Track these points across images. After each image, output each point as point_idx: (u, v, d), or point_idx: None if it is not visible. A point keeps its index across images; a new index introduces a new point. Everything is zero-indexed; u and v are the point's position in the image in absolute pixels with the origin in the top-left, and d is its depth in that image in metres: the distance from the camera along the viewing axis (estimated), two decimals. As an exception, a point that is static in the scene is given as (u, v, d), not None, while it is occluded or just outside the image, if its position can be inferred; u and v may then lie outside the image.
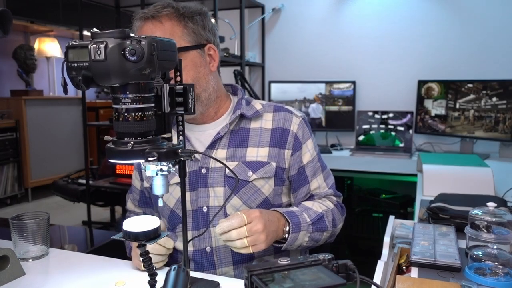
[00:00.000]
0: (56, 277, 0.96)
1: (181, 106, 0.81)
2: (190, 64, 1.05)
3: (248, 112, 1.13)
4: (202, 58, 1.08)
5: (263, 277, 0.53)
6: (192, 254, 1.10)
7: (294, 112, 1.16)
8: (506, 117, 2.44)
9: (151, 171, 0.72)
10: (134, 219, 0.76)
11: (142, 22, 1.04)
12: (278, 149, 1.12)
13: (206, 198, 1.09)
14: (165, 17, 1.04)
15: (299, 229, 1.03)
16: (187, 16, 1.06)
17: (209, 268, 1.09)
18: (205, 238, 1.09)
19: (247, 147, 1.11)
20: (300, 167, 1.14)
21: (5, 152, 4.25)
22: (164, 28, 1.03)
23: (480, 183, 1.54)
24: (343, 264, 0.57)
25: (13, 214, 1.05)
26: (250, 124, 1.13)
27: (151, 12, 1.04)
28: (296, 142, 1.13)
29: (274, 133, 1.12)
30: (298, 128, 1.14)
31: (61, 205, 4.03)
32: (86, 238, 2.21)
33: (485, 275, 0.84)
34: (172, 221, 1.13)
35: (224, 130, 1.10)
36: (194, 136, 1.15)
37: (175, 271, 0.75)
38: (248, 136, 1.12)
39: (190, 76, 1.05)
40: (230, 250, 1.08)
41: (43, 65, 5.11)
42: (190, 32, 1.06)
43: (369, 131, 2.95)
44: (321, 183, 1.18)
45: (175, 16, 1.04)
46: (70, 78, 0.68)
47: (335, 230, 1.15)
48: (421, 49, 2.93)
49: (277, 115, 1.15)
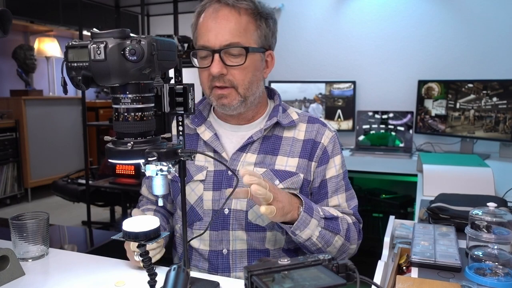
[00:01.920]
0: (56, 277, 0.96)
1: (181, 106, 0.81)
2: (251, 66, 1.04)
3: (284, 120, 1.11)
4: (261, 62, 1.08)
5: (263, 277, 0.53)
6: (207, 254, 1.09)
7: (328, 126, 1.15)
8: (506, 117, 2.44)
9: (151, 171, 0.72)
10: (134, 219, 0.76)
11: (218, 5, 1.02)
12: (307, 161, 1.10)
13: (229, 200, 1.07)
14: (244, 10, 1.02)
15: (311, 213, 0.98)
16: (263, 17, 1.05)
17: (224, 271, 1.08)
18: (223, 240, 1.08)
19: (277, 155, 1.09)
20: (323, 180, 1.11)
21: (5, 152, 4.25)
22: (240, 20, 1.02)
23: (480, 183, 1.54)
24: (343, 264, 0.57)
25: (13, 214, 1.04)
26: (283, 132, 1.12)
27: (231, 1, 1.02)
28: (324, 155, 1.11)
29: (306, 145, 1.10)
30: (329, 142, 1.12)
31: (61, 205, 4.03)
32: (86, 238, 2.21)
33: (485, 275, 0.84)
34: (190, 218, 1.11)
35: (257, 135, 1.09)
36: (225, 135, 1.13)
37: (175, 271, 0.74)
38: (279, 145, 1.10)
39: (247, 78, 1.04)
40: (246, 255, 1.07)
41: (42, 65, 5.11)
42: (261, 34, 1.05)
43: (369, 131, 2.95)
44: (342, 202, 1.12)
45: (252, 12, 1.03)
46: (70, 78, 0.68)
47: (348, 244, 1.07)
48: (421, 49, 2.93)
49: (311, 126, 1.13)
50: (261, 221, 1.06)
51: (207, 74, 1.04)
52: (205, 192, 1.08)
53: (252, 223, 1.06)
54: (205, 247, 1.09)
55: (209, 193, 1.08)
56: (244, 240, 1.07)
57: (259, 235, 1.07)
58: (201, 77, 1.07)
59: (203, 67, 1.04)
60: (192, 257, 1.13)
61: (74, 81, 0.68)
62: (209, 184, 1.08)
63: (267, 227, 1.07)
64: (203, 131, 1.13)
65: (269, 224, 1.07)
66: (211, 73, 1.02)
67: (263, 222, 1.07)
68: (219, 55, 1.01)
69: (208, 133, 1.12)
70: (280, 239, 1.09)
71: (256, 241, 1.07)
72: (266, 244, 1.08)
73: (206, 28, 1.02)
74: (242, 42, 1.01)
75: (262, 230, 1.07)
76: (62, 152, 4.75)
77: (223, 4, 1.02)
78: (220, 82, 1.03)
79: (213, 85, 1.04)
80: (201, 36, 1.04)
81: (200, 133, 1.12)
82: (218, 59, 1.01)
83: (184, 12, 3.33)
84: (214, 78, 1.03)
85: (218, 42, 1.01)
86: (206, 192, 1.08)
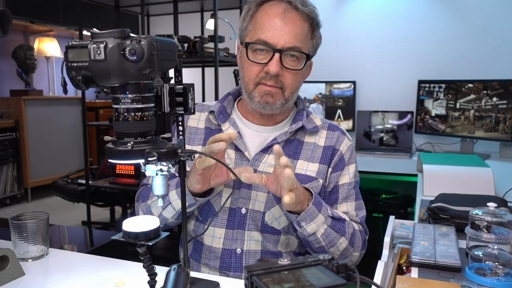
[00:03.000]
0: (56, 277, 0.96)
1: (181, 106, 0.81)
2: (302, 72, 1.06)
3: (308, 125, 1.12)
4: (307, 70, 1.10)
5: (263, 277, 0.53)
6: (220, 252, 1.08)
7: (347, 134, 1.17)
8: (507, 117, 2.44)
9: (151, 171, 0.72)
10: (134, 219, 0.76)
11: (287, 6, 1.01)
12: (326, 167, 1.11)
13: (247, 200, 1.07)
14: (307, 16, 1.03)
15: (320, 208, 0.99)
16: (318, 27, 1.07)
17: (236, 270, 1.07)
18: (238, 239, 1.07)
19: (298, 160, 1.09)
20: (335, 186, 1.13)
21: (4, 152, 4.24)
22: (304, 26, 1.03)
23: (481, 183, 1.54)
24: (343, 264, 0.57)
25: (13, 214, 1.04)
26: (305, 137, 1.12)
27: (299, 5, 1.02)
28: (340, 162, 1.13)
29: (326, 151, 1.11)
30: (347, 151, 1.14)
31: (61, 205, 4.03)
32: (86, 238, 2.21)
33: (485, 275, 0.84)
34: (205, 213, 1.11)
35: (281, 137, 1.09)
36: (249, 135, 1.12)
37: (175, 271, 0.74)
38: (301, 149, 1.11)
39: (296, 82, 1.06)
40: (260, 256, 1.07)
41: (42, 65, 5.10)
42: (313, 43, 1.07)
43: (369, 131, 2.95)
44: (351, 210, 1.13)
45: (312, 21, 1.05)
46: (70, 78, 0.68)
47: (351, 250, 1.06)
48: (421, 49, 2.93)
49: (331, 133, 1.14)
50: (277, 224, 1.07)
51: (258, 69, 1.04)
52: (225, 188, 1.08)
53: (268, 225, 1.06)
54: (218, 245, 1.09)
55: (229, 190, 1.08)
56: (259, 241, 1.07)
57: (273, 237, 1.07)
58: (249, 71, 1.05)
59: (258, 62, 1.03)
60: (202, 255, 1.12)
61: (74, 81, 0.68)
62: (230, 181, 1.07)
63: (282, 230, 1.07)
64: (227, 128, 1.11)
65: (285, 227, 1.07)
66: (266, 71, 1.02)
67: (279, 225, 1.07)
68: (279, 55, 1.01)
69: (232, 130, 1.11)
70: (293, 242, 1.10)
71: (270, 242, 1.07)
72: (279, 247, 1.08)
73: (272, 25, 1.01)
74: (302, 48, 1.03)
75: (277, 233, 1.07)
76: (62, 152, 4.75)
77: (293, 7, 1.02)
78: (271, 81, 1.03)
79: (261, 82, 1.04)
80: (262, 31, 1.02)
81: (225, 129, 1.11)
82: (278, 58, 1.01)
83: (184, 12, 3.33)
84: (266, 76, 1.03)
85: (282, 42, 1.01)
86: (226, 189, 1.08)
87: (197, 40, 2.80)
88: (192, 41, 2.81)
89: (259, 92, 1.05)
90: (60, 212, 4.04)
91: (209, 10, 3.34)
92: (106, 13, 3.51)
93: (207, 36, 2.95)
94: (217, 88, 2.75)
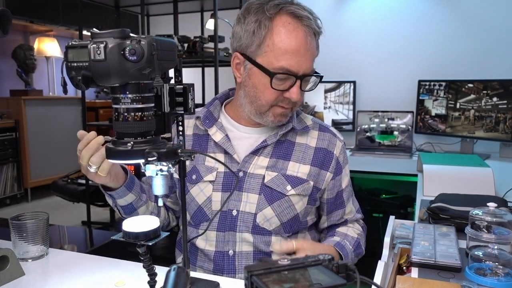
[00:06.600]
0: (56, 278, 0.96)
1: (181, 106, 0.81)
2: None
3: (298, 126, 1.13)
4: None
5: (263, 278, 0.53)
6: (213, 254, 1.08)
7: (337, 136, 1.17)
8: (507, 117, 2.44)
9: (151, 171, 0.72)
10: (134, 219, 0.76)
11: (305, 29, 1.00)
12: (319, 170, 1.11)
13: (238, 202, 1.07)
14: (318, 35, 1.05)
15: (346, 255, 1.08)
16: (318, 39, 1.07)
17: (229, 272, 1.07)
18: (229, 241, 1.07)
19: (289, 161, 1.10)
20: (339, 191, 1.16)
21: (4, 152, 4.24)
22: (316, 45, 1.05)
23: (481, 183, 1.54)
24: (343, 264, 0.57)
25: (13, 214, 1.04)
26: (296, 137, 1.13)
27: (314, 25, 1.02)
28: (337, 166, 1.14)
29: (318, 153, 1.12)
30: (340, 153, 1.16)
31: (61, 205, 4.03)
32: (86, 238, 2.21)
33: (485, 276, 0.84)
34: (197, 218, 1.11)
35: (271, 139, 1.09)
36: (237, 137, 1.12)
37: (175, 271, 0.74)
38: (292, 150, 1.11)
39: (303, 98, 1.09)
40: (253, 257, 1.07)
41: (42, 65, 5.10)
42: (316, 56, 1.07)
43: (369, 131, 2.95)
44: (353, 208, 1.21)
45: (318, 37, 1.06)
46: (70, 78, 0.68)
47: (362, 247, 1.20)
48: (421, 49, 2.92)
49: (322, 135, 1.14)
50: (269, 224, 1.07)
51: (277, 95, 1.02)
52: (214, 193, 1.08)
53: (259, 226, 1.07)
54: (211, 247, 1.09)
55: (218, 194, 1.08)
56: (251, 242, 1.07)
57: (265, 238, 1.08)
58: (266, 94, 1.03)
59: (280, 89, 1.01)
60: (197, 258, 1.12)
61: (74, 81, 0.68)
62: (219, 185, 1.08)
63: (273, 231, 1.08)
64: (214, 132, 1.11)
65: (276, 228, 1.08)
66: (287, 97, 1.02)
67: (270, 226, 1.07)
68: (300, 82, 1.01)
69: (220, 134, 1.11)
70: None
71: (262, 244, 1.08)
72: (271, 247, 1.09)
73: (294, 53, 0.99)
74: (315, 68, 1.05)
75: (268, 234, 1.08)
76: (62, 152, 4.75)
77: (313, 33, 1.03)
78: (289, 104, 1.04)
79: (278, 104, 1.04)
80: (284, 58, 0.99)
81: (211, 134, 1.11)
82: (299, 85, 1.01)
83: (184, 12, 3.33)
84: (284, 100, 1.03)
85: (304, 69, 1.01)
86: (215, 193, 1.08)
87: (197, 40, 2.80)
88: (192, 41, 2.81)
89: (274, 113, 1.05)
90: (60, 212, 4.04)
91: (209, 10, 3.34)
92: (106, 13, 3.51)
93: (207, 36, 2.95)
94: (217, 88, 2.75)
